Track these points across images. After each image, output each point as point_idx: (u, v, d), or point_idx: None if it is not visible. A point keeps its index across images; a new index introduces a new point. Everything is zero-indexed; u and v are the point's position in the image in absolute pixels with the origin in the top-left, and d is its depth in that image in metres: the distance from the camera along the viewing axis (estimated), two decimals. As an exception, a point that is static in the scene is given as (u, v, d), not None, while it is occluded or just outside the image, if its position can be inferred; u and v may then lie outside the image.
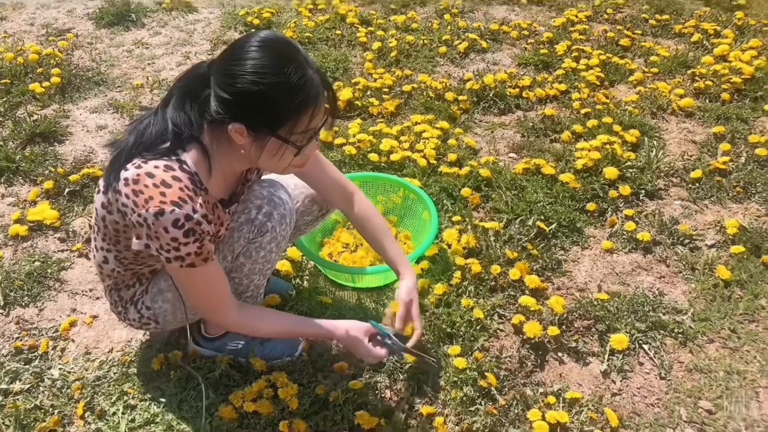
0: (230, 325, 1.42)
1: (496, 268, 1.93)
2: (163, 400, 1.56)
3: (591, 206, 2.24)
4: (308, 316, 1.76)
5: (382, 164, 2.42)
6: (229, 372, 1.60)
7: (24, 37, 3.62)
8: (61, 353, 1.73)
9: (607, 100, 2.88)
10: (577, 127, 2.67)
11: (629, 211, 2.22)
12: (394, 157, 2.41)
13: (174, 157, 1.21)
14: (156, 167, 1.18)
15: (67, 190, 2.30)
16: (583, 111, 2.81)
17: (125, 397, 1.57)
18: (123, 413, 1.53)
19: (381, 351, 1.47)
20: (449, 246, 2.04)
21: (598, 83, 3.03)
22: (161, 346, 1.72)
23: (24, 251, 2.08)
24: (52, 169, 2.42)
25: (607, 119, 2.68)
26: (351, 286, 1.93)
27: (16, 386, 1.60)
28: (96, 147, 2.63)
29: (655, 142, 2.59)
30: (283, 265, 1.94)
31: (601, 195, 2.29)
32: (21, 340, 1.75)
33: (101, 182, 1.30)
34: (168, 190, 1.17)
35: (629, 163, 2.40)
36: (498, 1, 4.15)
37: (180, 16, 3.93)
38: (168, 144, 1.21)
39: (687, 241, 2.10)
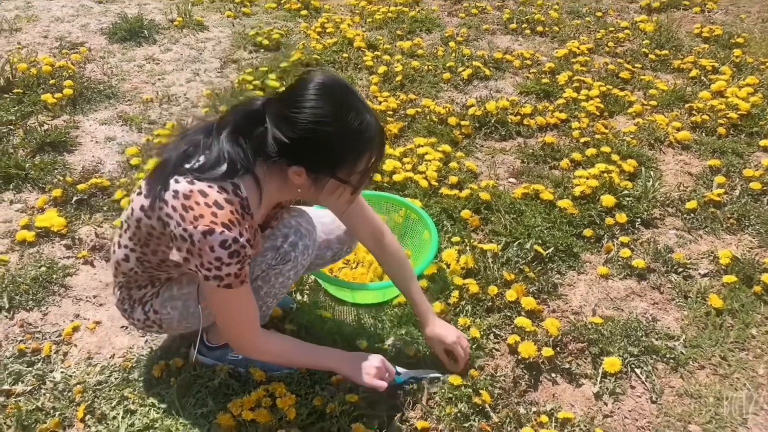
0: (255, 350, 1.45)
1: (493, 289, 1.97)
2: (162, 406, 1.58)
3: (588, 232, 2.28)
4: (308, 328, 1.82)
5: (385, 184, 2.47)
6: (228, 381, 1.63)
7: (38, 49, 3.70)
8: (63, 357, 1.76)
9: (606, 131, 2.95)
10: (576, 155, 2.73)
11: (625, 239, 2.27)
12: (396, 177, 2.47)
13: (229, 181, 1.25)
14: (210, 187, 1.23)
15: (74, 198, 2.35)
16: (582, 140, 2.87)
17: (125, 402, 1.60)
18: (123, 417, 1.56)
19: (379, 382, 1.49)
20: (448, 266, 2.08)
21: (597, 113, 3.10)
22: (162, 353, 1.75)
23: (30, 256, 2.11)
24: (61, 178, 2.47)
25: (606, 149, 2.74)
26: (350, 302, 1.97)
27: (19, 387, 1.63)
28: (104, 158, 2.68)
29: (651, 173, 2.65)
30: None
31: (598, 222, 2.34)
32: (25, 343, 1.78)
33: (143, 185, 1.34)
34: (220, 212, 1.21)
35: (626, 191, 2.46)
36: (502, 30, 4.25)
37: (191, 34, 4.02)
38: (223, 170, 1.25)
39: (681, 269, 2.15)
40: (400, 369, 1.61)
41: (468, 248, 2.16)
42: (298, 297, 1.99)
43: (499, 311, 1.95)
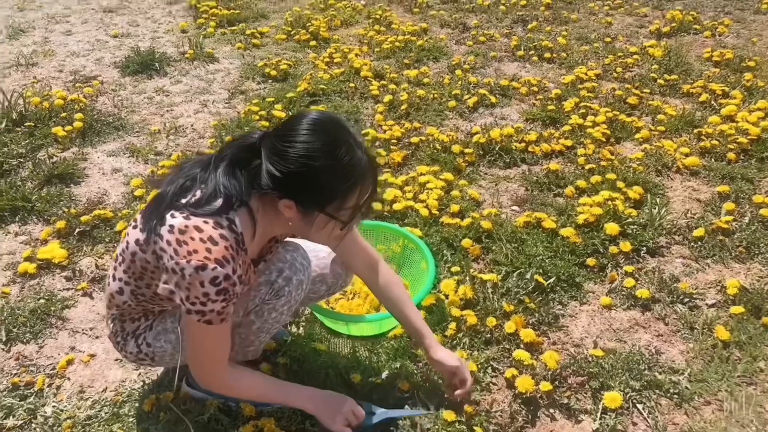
0: (222, 386, 1.45)
1: (491, 321, 1.93)
2: (150, 442, 1.57)
3: (591, 261, 2.24)
4: (301, 361, 1.79)
5: (385, 213, 2.46)
6: (218, 416, 1.61)
7: (52, 82, 3.80)
8: (56, 391, 1.75)
9: (612, 157, 2.91)
10: (581, 183, 2.69)
11: (629, 268, 2.22)
12: (396, 206, 2.45)
13: (224, 216, 1.25)
14: (205, 222, 1.23)
15: (77, 230, 2.37)
16: (587, 167, 2.84)
17: (114, 438, 1.58)
18: (110, 454, 1.54)
19: (344, 429, 1.48)
20: (447, 297, 2.05)
21: (603, 140, 3.07)
22: (155, 387, 1.74)
23: (31, 288, 2.13)
24: (66, 210, 2.51)
25: (611, 175, 2.70)
26: (346, 334, 1.94)
27: (9, 422, 1.62)
28: (109, 189, 2.72)
29: (658, 200, 2.60)
30: (280, 311, 1.96)
31: (602, 251, 2.30)
32: (19, 377, 1.78)
33: (139, 219, 1.35)
34: (214, 248, 1.21)
35: (631, 219, 2.41)
36: (509, 58, 4.25)
37: (201, 66, 4.09)
38: (219, 205, 1.25)
39: (687, 299, 2.09)
40: (377, 408, 1.57)
41: (467, 278, 2.13)
42: (294, 329, 1.97)
43: (498, 343, 1.91)
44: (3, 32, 4.69)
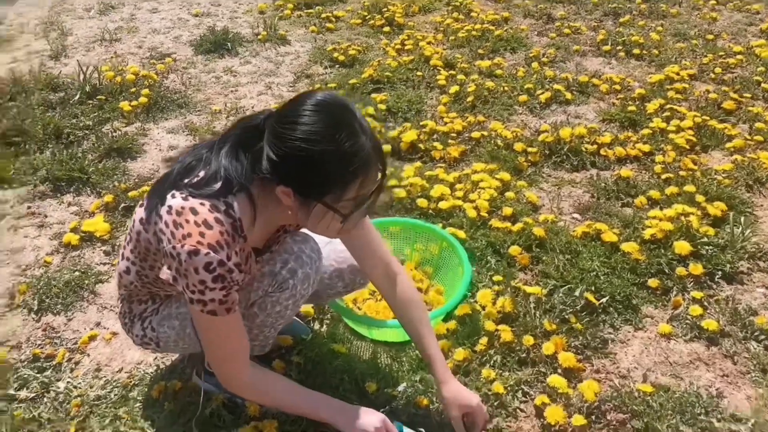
0: (242, 387, 1.35)
1: (528, 339, 1.76)
2: (152, 431, 1.52)
3: (653, 282, 2.00)
4: (317, 363, 1.70)
5: (430, 211, 2.32)
6: (221, 412, 1.54)
7: (129, 58, 3.90)
8: (74, 366, 1.75)
9: (695, 167, 2.61)
10: (654, 193, 2.43)
11: (698, 293, 1.96)
12: (443, 204, 2.30)
13: (222, 199, 1.19)
14: (202, 204, 1.17)
15: (122, 205, 2.39)
16: (664, 176, 2.56)
17: (117, 422, 1.56)
18: (110, 438, 1.51)
19: None
20: (483, 308, 1.89)
21: (687, 147, 2.76)
22: (167, 373, 1.70)
23: (71, 260, 2.16)
24: (117, 184, 2.54)
25: (690, 188, 2.41)
26: (369, 338, 1.83)
27: (23, 393, 1.63)
28: (162, 166, 2.73)
29: (743, 219, 2.29)
30: (305, 306, 1.88)
31: (668, 271, 2.04)
32: (42, 348, 1.80)
33: (146, 198, 1.31)
34: (208, 232, 1.15)
35: (706, 239, 2.13)
36: (594, 52, 3.95)
37: (272, 48, 4.07)
38: (218, 187, 1.19)
39: (763, 337, 1.81)
40: (407, 430, 1.43)
41: (509, 289, 1.95)
42: (316, 326, 1.88)
43: (533, 365, 1.73)
44: (95, 8, 4.88)
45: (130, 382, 1.68)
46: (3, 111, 3.10)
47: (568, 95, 3.28)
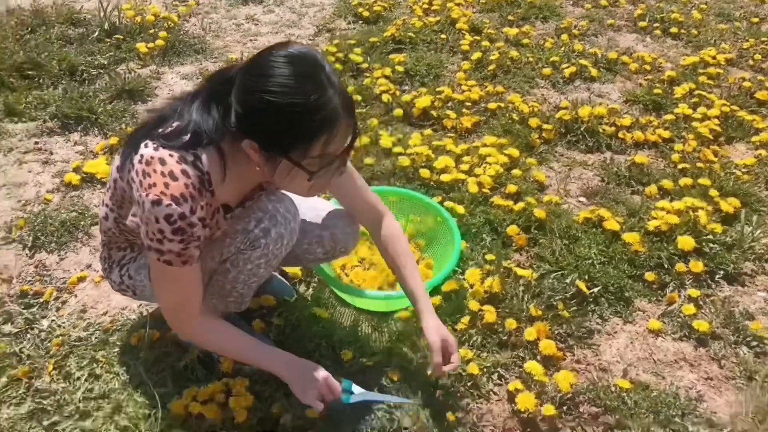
0: (192, 335, 1.38)
1: (511, 323, 1.73)
2: (126, 377, 1.55)
3: (650, 276, 1.95)
4: (296, 326, 1.70)
5: (431, 182, 2.27)
6: (195, 365, 1.56)
7: (154, -2, 3.85)
8: (60, 305, 1.78)
9: (715, 159, 2.50)
10: (667, 183, 2.34)
11: (695, 292, 1.90)
12: (445, 177, 2.25)
13: (191, 151, 1.18)
14: (170, 156, 1.16)
15: (126, 148, 2.39)
16: (681, 166, 2.47)
17: (94, 365, 1.59)
18: (85, 380, 1.54)
19: (316, 402, 1.33)
20: (471, 286, 1.86)
21: (710, 137, 2.65)
22: (147, 321, 1.72)
23: (70, 199, 2.18)
24: (123, 127, 2.53)
25: (705, 181, 2.32)
26: (353, 305, 1.82)
27: (7, 328, 1.67)
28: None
29: (756, 218, 2.21)
30: (293, 268, 1.87)
31: (667, 266, 1.99)
32: (31, 285, 1.83)
33: (122, 146, 1.31)
34: (173, 183, 1.14)
35: (711, 236, 2.06)
36: (629, 28, 3.78)
37: (298, -2, 3.98)
38: (187, 139, 1.18)
39: (755, 343, 1.76)
40: (356, 388, 1.43)
41: (500, 270, 1.92)
42: (302, 288, 1.88)
43: (514, 349, 1.71)
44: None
45: (112, 326, 1.70)
46: (22, 43, 3.10)
47: (594, 72, 3.15)
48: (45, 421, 1.45)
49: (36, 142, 2.47)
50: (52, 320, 1.72)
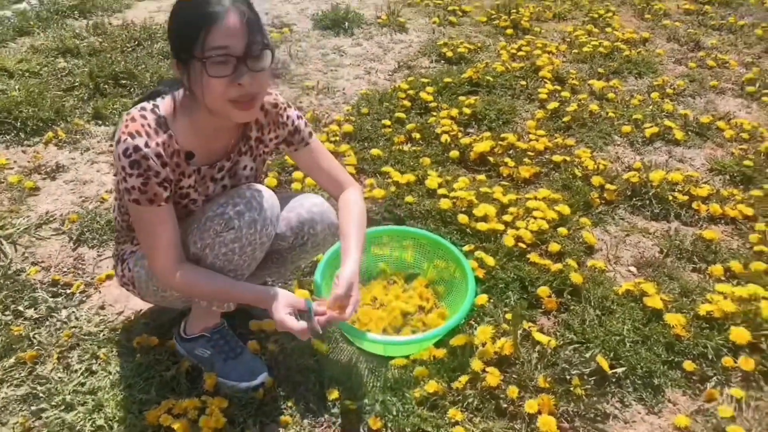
0: (166, 278, 1.41)
1: (513, 391, 1.60)
2: (116, 378, 1.59)
3: (689, 365, 1.74)
4: (289, 355, 1.68)
5: (468, 229, 2.18)
6: (181, 378, 1.58)
7: (253, 23, 4.07)
8: (84, 299, 1.88)
9: (800, 245, 2.22)
10: (735, 265, 2.10)
11: (739, 392, 1.67)
12: (481, 226, 2.16)
13: (151, 102, 1.36)
14: (135, 108, 1.35)
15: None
16: (757, 248, 2.21)
17: (93, 361, 1.65)
18: (81, 375, 1.60)
19: (294, 324, 1.38)
20: (483, 345, 1.75)
21: (800, 221, 2.36)
22: (157, 327, 1.77)
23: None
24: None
25: (780, 268, 2.06)
26: (354, 344, 1.77)
27: (29, 312, 1.78)
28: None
29: (836, 318, 1.92)
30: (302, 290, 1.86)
31: (712, 358, 1.77)
32: (65, 275, 1.95)
33: None
34: (131, 123, 1.30)
35: (771, 331, 1.82)
36: (734, 92, 3.49)
37: (388, 33, 4.06)
38: (148, 94, 1.40)
39: (800, 464, 1.51)
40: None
41: (518, 331, 1.79)
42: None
43: (511, 419, 1.58)
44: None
45: (122, 326, 1.76)
46: (125, 54, 3.38)
47: (679, 134, 2.93)
48: (34, 406, 1.52)
49: (111, 145, 2.66)
50: (72, 312, 1.81)
